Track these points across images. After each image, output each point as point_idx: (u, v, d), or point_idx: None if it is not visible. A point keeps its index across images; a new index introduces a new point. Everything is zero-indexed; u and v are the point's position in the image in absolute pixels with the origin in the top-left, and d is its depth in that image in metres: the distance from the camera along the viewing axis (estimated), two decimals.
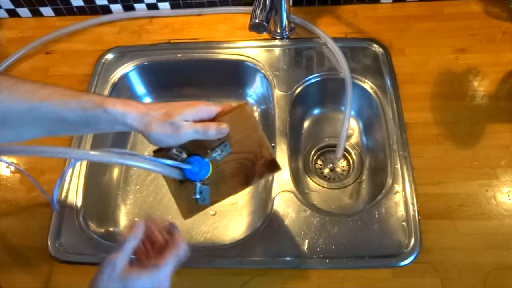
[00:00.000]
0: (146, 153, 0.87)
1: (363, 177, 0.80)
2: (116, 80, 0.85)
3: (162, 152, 0.53)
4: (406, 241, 0.63)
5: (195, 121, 0.51)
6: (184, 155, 0.52)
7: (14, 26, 0.95)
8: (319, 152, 0.85)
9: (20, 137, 0.49)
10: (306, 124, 0.87)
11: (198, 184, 0.53)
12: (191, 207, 0.55)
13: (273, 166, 0.54)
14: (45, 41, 0.90)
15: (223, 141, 0.53)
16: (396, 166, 0.69)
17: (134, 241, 0.48)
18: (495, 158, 0.69)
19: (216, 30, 0.89)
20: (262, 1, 0.70)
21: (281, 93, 0.80)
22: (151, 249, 0.52)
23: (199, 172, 0.52)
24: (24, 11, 0.95)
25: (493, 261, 0.60)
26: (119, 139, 0.87)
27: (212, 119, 0.53)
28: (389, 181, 0.68)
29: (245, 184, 0.55)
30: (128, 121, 0.49)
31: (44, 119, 0.47)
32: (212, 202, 0.55)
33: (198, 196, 0.53)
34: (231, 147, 0.53)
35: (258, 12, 0.69)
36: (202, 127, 0.51)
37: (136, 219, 0.54)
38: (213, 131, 0.51)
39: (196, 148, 0.53)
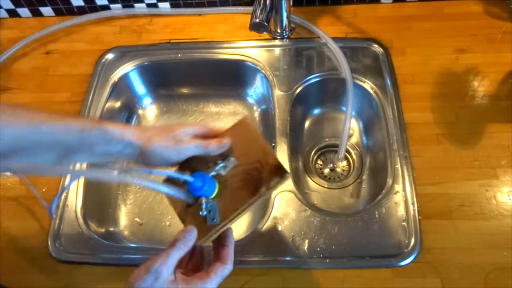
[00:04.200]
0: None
1: (363, 177, 0.80)
2: (116, 80, 0.85)
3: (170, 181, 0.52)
4: (406, 241, 0.63)
5: (197, 136, 0.51)
6: (187, 173, 0.51)
7: (14, 26, 0.95)
8: (319, 152, 0.85)
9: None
10: (307, 124, 0.87)
11: (204, 200, 0.50)
12: (201, 228, 0.50)
13: (280, 171, 0.51)
14: (42, 35, 0.90)
15: (226, 156, 0.52)
16: (396, 166, 0.69)
17: (183, 250, 0.45)
18: (495, 158, 0.69)
19: (216, 30, 0.89)
20: (262, 1, 0.70)
21: (282, 93, 0.80)
22: (188, 258, 0.50)
23: (202, 186, 0.49)
24: (24, 11, 0.95)
25: (493, 261, 0.60)
26: None
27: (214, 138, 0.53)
28: (389, 181, 0.68)
29: (254, 194, 0.51)
30: (127, 137, 0.47)
31: (41, 143, 0.45)
32: (222, 220, 0.50)
33: (205, 213, 0.50)
34: (236, 160, 0.52)
35: (258, 12, 0.69)
36: (203, 141, 0.50)
37: (190, 226, 0.48)
38: (214, 145, 0.50)
39: (200, 166, 0.52)
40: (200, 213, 0.50)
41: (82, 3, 0.92)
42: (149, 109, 0.93)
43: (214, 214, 0.50)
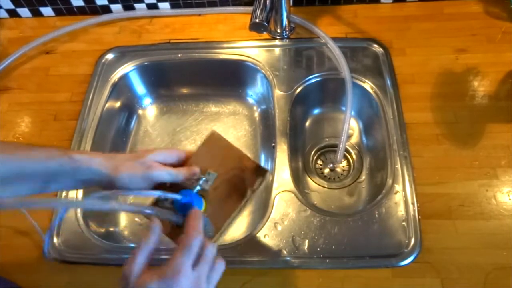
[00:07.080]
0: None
1: (363, 177, 0.80)
2: (116, 80, 0.85)
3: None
4: (406, 241, 0.63)
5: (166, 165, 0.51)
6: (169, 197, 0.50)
7: (15, 26, 0.95)
8: (319, 152, 0.85)
9: None
10: (307, 124, 0.87)
11: None
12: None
13: (260, 171, 0.55)
14: (44, 41, 0.90)
15: (205, 170, 0.53)
16: (396, 166, 0.69)
17: (147, 249, 0.44)
18: (495, 158, 0.69)
19: (216, 30, 0.89)
20: (262, 1, 0.70)
21: (281, 93, 0.80)
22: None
23: (190, 203, 0.50)
24: (24, 11, 0.95)
25: (493, 261, 0.60)
26: (119, 142, 0.87)
27: (185, 162, 0.54)
28: (389, 181, 0.68)
29: (241, 198, 0.53)
30: (94, 165, 0.47)
31: (8, 176, 0.43)
32: (217, 230, 0.52)
33: None
34: (216, 172, 0.54)
35: (258, 12, 0.70)
36: (174, 169, 0.50)
37: (155, 221, 0.46)
38: (184, 173, 0.50)
39: (181, 189, 0.52)
40: None
41: (82, 3, 0.92)
42: (149, 109, 0.93)
43: (208, 229, 0.51)
